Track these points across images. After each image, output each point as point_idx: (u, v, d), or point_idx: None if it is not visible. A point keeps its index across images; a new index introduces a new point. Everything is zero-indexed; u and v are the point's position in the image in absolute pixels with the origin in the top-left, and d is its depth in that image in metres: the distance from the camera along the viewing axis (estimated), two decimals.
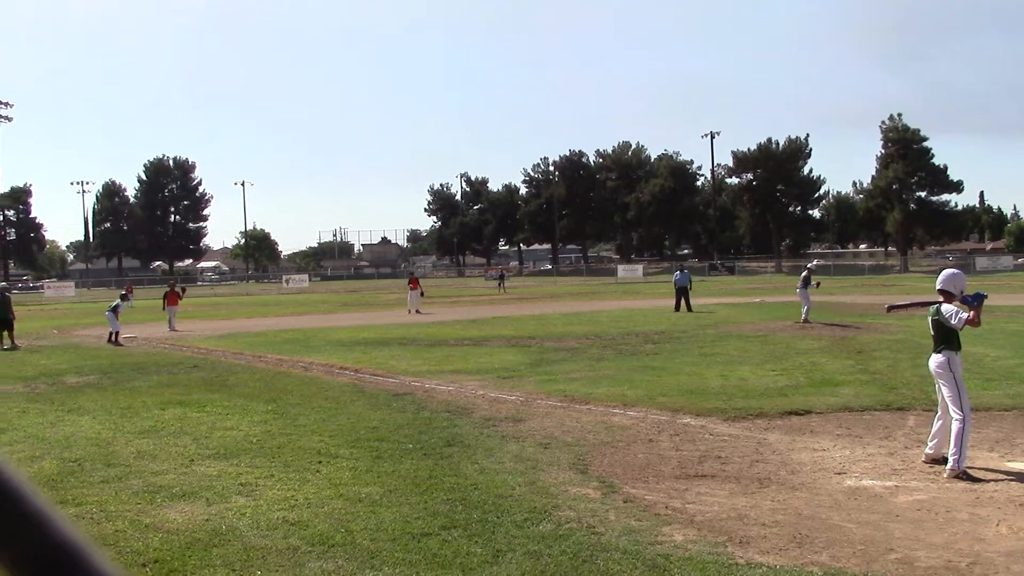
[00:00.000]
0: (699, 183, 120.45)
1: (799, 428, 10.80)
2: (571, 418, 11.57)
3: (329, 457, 9.36)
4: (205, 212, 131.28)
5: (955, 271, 9.16)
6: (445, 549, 6.22)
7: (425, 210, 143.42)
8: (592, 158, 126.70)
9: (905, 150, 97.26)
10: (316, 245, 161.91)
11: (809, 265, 30.41)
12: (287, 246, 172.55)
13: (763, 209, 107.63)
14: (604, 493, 7.77)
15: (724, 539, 6.42)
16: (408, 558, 6.03)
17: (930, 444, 8.90)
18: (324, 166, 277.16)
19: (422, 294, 39.28)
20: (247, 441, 10.38)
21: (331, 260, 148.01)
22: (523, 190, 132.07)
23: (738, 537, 6.48)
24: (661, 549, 6.16)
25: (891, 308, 10.88)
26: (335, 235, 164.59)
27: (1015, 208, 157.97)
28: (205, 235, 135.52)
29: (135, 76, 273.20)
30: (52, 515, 0.62)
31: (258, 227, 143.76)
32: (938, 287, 8.91)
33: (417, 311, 37.33)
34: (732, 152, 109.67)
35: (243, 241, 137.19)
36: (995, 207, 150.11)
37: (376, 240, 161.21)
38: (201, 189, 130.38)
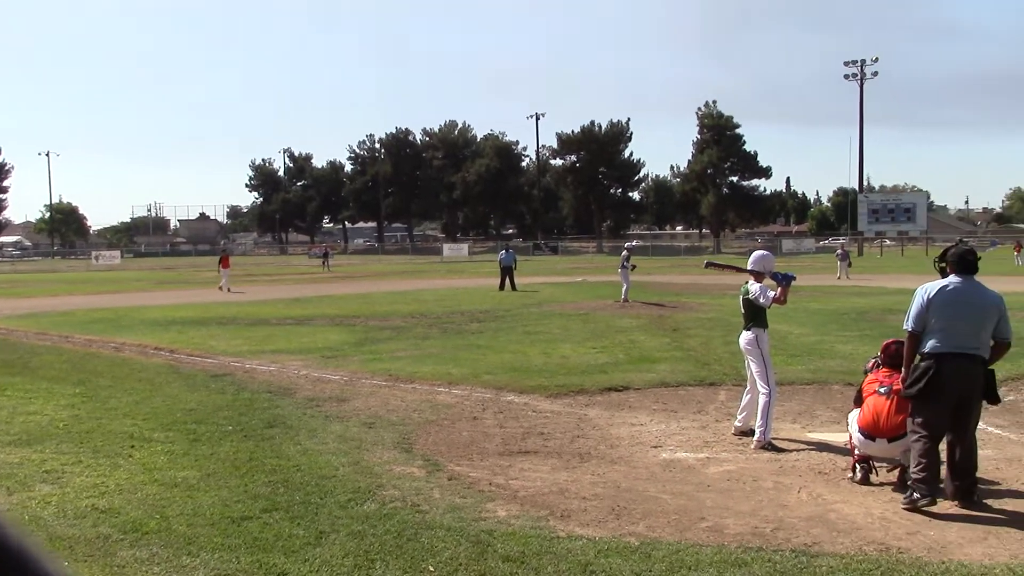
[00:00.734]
0: (524, 164, 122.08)
1: (618, 404, 11.13)
2: (396, 397, 11.53)
3: (143, 441, 8.97)
4: (5, 183, 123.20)
5: (765, 252, 9.60)
6: (266, 532, 6.08)
7: (246, 185, 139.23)
8: (419, 136, 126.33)
9: (719, 136, 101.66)
10: (129, 220, 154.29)
11: (627, 245, 31.37)
12: (97, 221, 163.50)
13: (586, 191, 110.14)
14: (429, 471, 7.78)
15: (546, 513, 6.55)
16: (227, 543, 5.86)
17: (739, 417, 9.35)
18: (138, 137, 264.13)
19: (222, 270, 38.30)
20: (52, 426, 9.81)
21: (145, 236, 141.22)
22: (348, 167, 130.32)
23: (559, 511, 6.62)
24: (485, 525, 6.22)
25: (709, 264, 11.28)
26: (149, 210, 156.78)
27: (817, 194, 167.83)
28: (5, 208, 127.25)
29: None
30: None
31: (64, 200, 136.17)
32: (749, 267, 9.31)
33: (221, 288, 36.45)
34: (556, 134, 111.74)
35: (48, 215, 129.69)
36: (800, 192, 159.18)
37: (194, 216, 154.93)
38: (0, 159, 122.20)
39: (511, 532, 6.06)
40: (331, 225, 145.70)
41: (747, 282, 9.24)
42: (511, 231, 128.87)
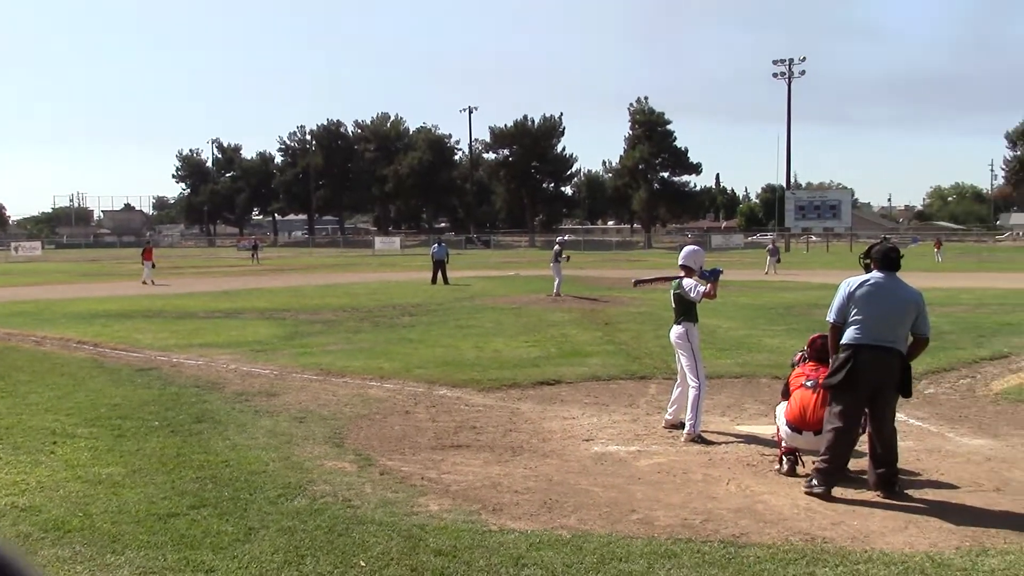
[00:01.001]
0: (457, 157, 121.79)
1: (550, 397, 11.18)
2: (327, 391, 11.43)
3: (65, 437, 8.75)
4: None
5: (695, 248, 9.72)
6: (194, 529, 5.98)
7: (173, 176, 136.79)
8: (350, 128, 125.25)
9: (650, 132, 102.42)
10: (50, 211, 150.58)
11: (560, 240, 31.53)
12: (16, 211, 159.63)
13: (518, 185, 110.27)
14: (360, 466, 7.73)
15: (478, 507, 6.55)
16: (153, 540, 5.75)
17: (669, 410, 9.46)
18: (60, 125, 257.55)
19: (152, 265, 37.73)
20: None
21: (67, 227, 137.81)
22: (278, 158, 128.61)
23: (491, 505, 6.63)
24: (417, 520, 6.20)
25: (638, 282, 11.41)
26: (72, 200, 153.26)
27: (746, 190, 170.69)
28: None
29: None
30: None
31: None
32: (680, 263, 9.42)
33: (145, 282, 35.89)
34: (489, 128, 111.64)
35: None
36: (729, 189, 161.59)
37: (119, 207, 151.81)
38: None
39: (443, 526, 6.05)
40: (261, 217, 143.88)
41: (679, 277, 9.34)
42: (443, 224, 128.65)
